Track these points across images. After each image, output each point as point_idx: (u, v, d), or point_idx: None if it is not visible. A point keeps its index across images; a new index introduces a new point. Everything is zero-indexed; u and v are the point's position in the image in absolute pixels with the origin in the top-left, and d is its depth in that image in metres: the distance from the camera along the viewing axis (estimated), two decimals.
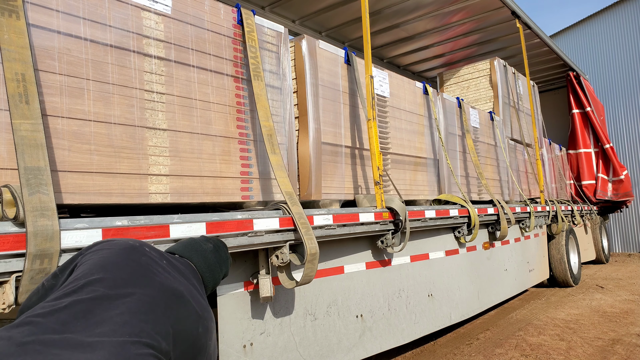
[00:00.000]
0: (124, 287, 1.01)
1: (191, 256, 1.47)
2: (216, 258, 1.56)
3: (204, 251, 1.54)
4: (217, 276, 1.54)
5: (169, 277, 1.16)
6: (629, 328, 4.91)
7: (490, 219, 5.11)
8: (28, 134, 1.70)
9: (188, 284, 1.23)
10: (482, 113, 5.79)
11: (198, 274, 1.42)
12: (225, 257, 1.64)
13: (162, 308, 1.03)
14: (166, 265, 1.22)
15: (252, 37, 2.81)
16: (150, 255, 1.19)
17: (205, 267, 1.48)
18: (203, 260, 1.49)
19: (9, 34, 1.75)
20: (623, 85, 12.62)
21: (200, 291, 1.30)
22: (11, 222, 1.63)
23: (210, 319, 1.24)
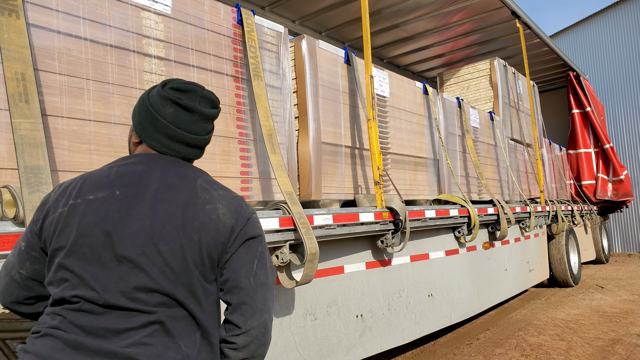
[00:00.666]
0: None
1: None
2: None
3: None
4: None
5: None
6: (629, 328, 4.91)
7: (490, 219, 5.11)
8: (28, 133, 1.70)
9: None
10: (482, 113, 5.79)
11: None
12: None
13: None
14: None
15: (252, 37, 2.81)
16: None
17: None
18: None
19: (8, 34, 1.75)
20: (623, 85, 12.62)
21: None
22: (11, 222, 1.63)
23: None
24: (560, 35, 13.87)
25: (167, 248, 1.09)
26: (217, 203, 1.16)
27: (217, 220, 1.14)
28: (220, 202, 1.17)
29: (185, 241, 1.10)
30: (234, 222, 1.17)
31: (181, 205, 1.13)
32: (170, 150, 1.22)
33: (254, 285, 1.16)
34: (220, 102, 1.32)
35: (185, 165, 1.23)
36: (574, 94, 9.73)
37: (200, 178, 1.20)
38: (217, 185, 1.23)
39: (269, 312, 1.18)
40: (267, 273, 1.20)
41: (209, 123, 1.26)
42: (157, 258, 1.08)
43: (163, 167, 1.18)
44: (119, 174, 1.16)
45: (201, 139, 1.25)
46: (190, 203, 1.14)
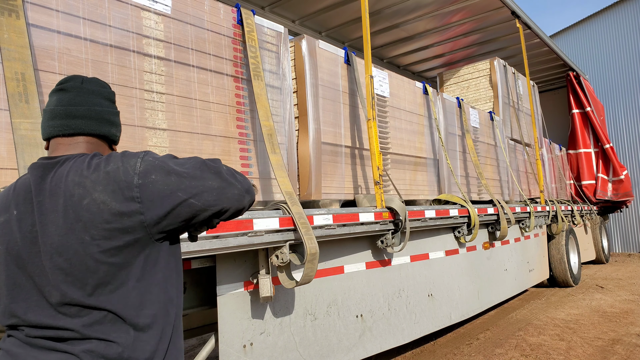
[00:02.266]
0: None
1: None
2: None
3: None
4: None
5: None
6: (629, 328, 4.91)
7: (490, 219, 5.11)
8: (28, 133, 1.70)
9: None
10: (482, 113, 5.79)
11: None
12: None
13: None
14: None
15: (252, 37, 2.81)
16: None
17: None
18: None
19: (8, 34, 1.76)
20: (623, 85, 12.62)
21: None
22: None
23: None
24: (560, 35, 13.87)
25: (62, 259, 1.07)
26: (92, 193, 1.07)
27: (101, 211, 1.06)
28: (94, 190, 1.07)
29: (79, 246, 1.06)
30: (122, 200, 1.07)
31: (61, 212, 1.08)
32: (61, 128, 1.20)
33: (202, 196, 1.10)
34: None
35: (63, 162, 1.15)
36: (574, 94, 9.73)
37: (71, 172, 1.11)
38: (90, 169, 1.11)
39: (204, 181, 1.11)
40: (173, 173, 1.11)
41: (93, 96, 1.25)
42: (59, 272, 1.07)
43: (43, 173, 1.14)
44: (15, 191, 1.16)
45: (83, 108, 1.23)
46: (69, 205, 1.07)
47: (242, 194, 1.15)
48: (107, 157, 1.14)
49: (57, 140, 1.21)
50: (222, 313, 2.48)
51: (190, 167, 1.12)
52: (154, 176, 1.08)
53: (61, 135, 1.20)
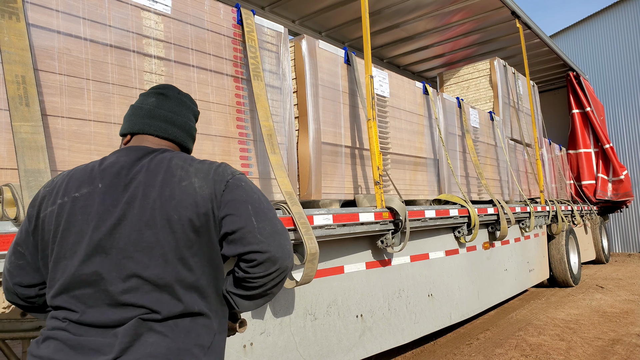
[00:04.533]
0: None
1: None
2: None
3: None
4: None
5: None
6: (629, 328, 4.91)
7: (490, 219, 5.11)
8: (28, 136, 1.70)
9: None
10: (482, 113, 5.79)
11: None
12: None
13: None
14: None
15: (252, 37, 2.81)
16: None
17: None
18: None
19: (9, 36, 1.76)
20: (623, 85, 12.62)
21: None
22: (11, 222, 1.63)
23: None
24: (560, 35, 13.87)
25: (150, 232, 1.12)
26: (192, 178, 1.18)
27: (195, 194, 1.16)
28: (195, 176, 1.19)
29: (165, 222, 1.13)
30: (212, 190, 1.18)
31: (158, 187, 1.16)
32: (156, 129, 1.32)
33: (262, 233, 1.19)
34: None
35: (164, 152, 1.26)
36: (574, 94, 9.73)
37: (175, 157, 1.23)
38: (194, 160, 1.25)
39: (286, 250, 1.22)
40: (272, 222, 1.22)
41: (187, 109, 1.40)
42: (143, 244, 1.12)
43: (139, 154, 1.24)
44: (101, 168, 1.21)
45: (181, 117, 1.37)
46: (167, 183, 1.16)
47: (288, 257, 1.23)
48: (206, 160, 1.29)
49: (146, 137, 1.32)
50: None
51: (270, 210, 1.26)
52: (243, 183, 1.24)
53: (155, 135, 1.32)
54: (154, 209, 1.13)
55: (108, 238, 1.12)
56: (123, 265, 1.10)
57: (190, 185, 1.17)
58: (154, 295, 1.11)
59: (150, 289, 1.11)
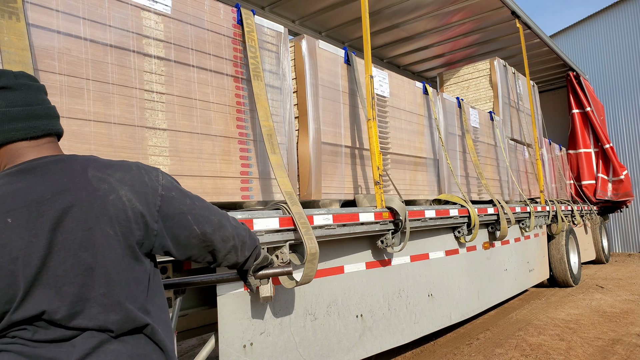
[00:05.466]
0: None
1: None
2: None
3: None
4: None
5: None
6: (629, 328, 4.91)
7: (490, 218, 5.11)
8: None
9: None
10: (482, 113, 5.79)
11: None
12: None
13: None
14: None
15: (252, 37, 2.81)
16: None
17: None
18: None
19: (9, 36, 1.76)
20: (623, 85, 12.62)
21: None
22: None
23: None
24: (560, 35, 13.87)
25: (87, 253, 1.05)
26: (119, 191, 1.10)
27: (125, 208, 1.10)
28: (121, 188, 1.11)
29: (101, 240, 1.06)
30: (147, 207, 1.13)
31: (84, 206, 1.06)
32: (28, 131, 1.12)
33: (208, 238, 1.26)
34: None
35: (67, 160, 1.12)
36: (574, 94, 9.73)
37: (89, 168, 1.10)
38: (111, 167, 1.14)
39: (235, 238, 1.34)
40: (210, 222, 1.27)
41: (40, 93, 1.19)
42: (82, 266, 1.05)
43: (44, 172, 1.08)
44: (3, 200, 1.03)
45: (42, 107, 1.17)
46: (92, 200, 1.07)
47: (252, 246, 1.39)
48: (119, 161, 1.18)
49: (20, 144, 1.12)
50: (222, 313, 2.48)
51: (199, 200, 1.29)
52: (174, 193, 1.20)
53: (28, 138, 1.13)
54: (85, 230, 1.05)
55: (42, 270, 1.01)
56: (65, 292, 1.03)
57: (119, 199, 1.09)
58: (102, 316, 1.06)
59: (99, 310, 1.06)
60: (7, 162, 1.12)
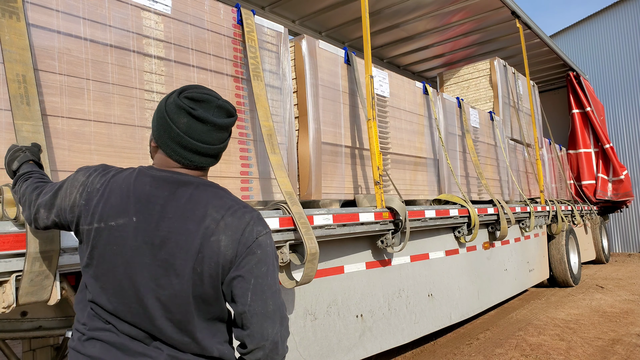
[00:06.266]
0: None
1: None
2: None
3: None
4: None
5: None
6: (629, 328, 4.91)
7: (490, 218, 5.11)
8: (29, 135, 1.70)
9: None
10: (482, 113, 5.79)
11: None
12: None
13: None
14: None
15: (252, 37, 2.81)
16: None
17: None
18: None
19: (9, 35, 1.76)
20: (623, 85, 12.62)
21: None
22: (11, 222, 1.63)
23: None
24: (560, 35, 13.87)
25: (177, 280, 1.15)
26: (221, 234, 1.17)
27: (219, 253, 1.16)
28: (224, 233, 1.17)
29: (190, 273, 1.15)
30: (235, 254, 1.17)
31: (189, 236, 1.16)
32: (183, 159, 1.23)
33: (252, 313, 1.19)
34: (234, 112, 1.29)
35: (197, 187, 1.22)
36: (574, 94, 9.73)
37: (210, 205, 1.19)
38: (227, 210, 1.20)
39: (270, 339, 1.19)
40: (265, 302, 1.20)
41: (223, 132, 1.25)
42: (169, 290, 1.16)
43: (175, 191, 1.20)
44: (135, 195, 1.19)
45: (214, 148, 1.24)
46: (196, 234, 1.16)
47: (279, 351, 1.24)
48: (243, 207, 1.23)
49: (171, 161, 1.25)
50: None
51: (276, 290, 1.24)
52: (259, 252, 1.19)
53: (180, 164, 1.24)
54: (182, 259, 1.15)
55: (139, 275, 1.16)
56: (150, 305, 1.16)
57: (217, 242, 1.16)
58: (177, 337, 1.17)
59: (175, 330, 1.17)
60: (160, 163, 1.26)
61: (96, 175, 1.26)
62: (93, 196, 1.22)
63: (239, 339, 1.22)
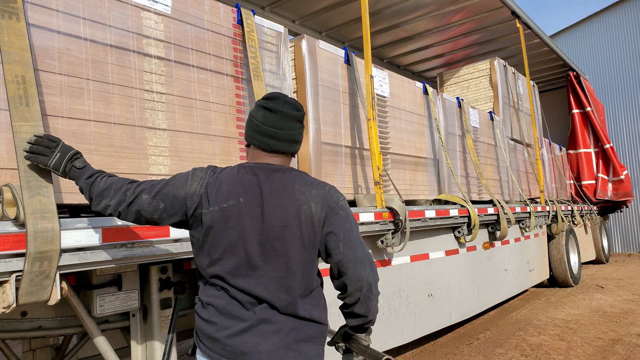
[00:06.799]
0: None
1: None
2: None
3: None
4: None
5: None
6: (629, 328, 4.91)
7: (490, 219, 5.11)
8: (28, 136, 1.70)
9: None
10: (482, 113, 5.79)
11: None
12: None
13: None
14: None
15: (252, 37, 2.81)
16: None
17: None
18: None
19: (9, 36, 1.75)
20: (623, 85, 12.62)
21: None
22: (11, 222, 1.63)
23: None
24: (560, 35, 13.87)
25: (279, 243, 1.44)
26: (310, 202, 1.47)
27: (312, 217, 1.46)
28: (312, 201, 1.48)
29: (290, 236, 1.44)
30: (324, 215, 1.48)
31: (285, 208, 1.46)
32: (263, 144, 1.54)
33: (346, 260, 1.46)
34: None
35: (285, 171, 1.53)
36: (574, 94, 9.73)
37: (296, 183, 1.50)
38: (310, 185, 1.52)
39: (365, 279, 1.47)
40: (354, 250, 1.48)
41: (291, 121, 1.56)
42: (274, 252, 1.44)
43: (269, 176, 1.51)
44: (242, 184, 1.49)
45: (285, 133, 1.54)
46: (291, 206, 1.46)
47: (372, 290, 1.52)
48: (321, 182, 1.56)
49: (258, 152, 1.56)
50: None
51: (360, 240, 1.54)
52: (342, 212, 1.51)
53: (262, 149, 1.55)
54: (282, 226, 1.44)
55: (248, 243, 1.43)
56: (260, 270, 1.44)
57: (309, 209, 1.46)
58: (276, 293, 1.43)
59: (276, 287, 1.43)
60: (252, 158, 1.58)
61: (210, 172, 1.54)
62: (209, 187, 1.49)
63: (339, 286, 1.52)
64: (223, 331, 1.43)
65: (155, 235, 1.97)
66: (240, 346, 1.41)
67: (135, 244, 1.92)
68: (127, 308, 2.28)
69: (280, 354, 1.41)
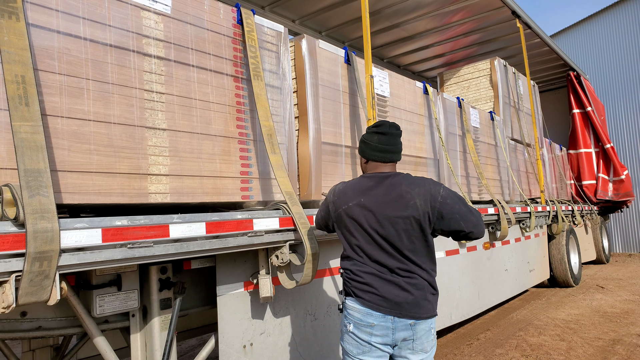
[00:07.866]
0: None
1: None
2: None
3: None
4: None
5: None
6: (630, 328, 4.91)
7: (490, 219, 5.11)
8: (28, 136, 1.69)
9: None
10: (482, 113, 5.79)
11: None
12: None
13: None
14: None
15: (252, 37, 2.81)
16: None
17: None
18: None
19: (8, 36, 1.75)
20: (623, 84, 12.62)
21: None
22: (11, 222, 1.63)
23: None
24: (561, 35, 13.86)
25: (393, 229, 1.96)
26: (416, 199, 1.96)
27: (418, 210, 1.95)
28: (417, 198, 1.96)
29: (403, 224, 1.95)
30: (429, 209, 1.96)
31: (395, 202, 1.97)
32: (381, 158, 2.10)
33: (461, 216, 1.97)
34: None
35: (394, 176, 2.06)
36: (575, 93, 9.73)
37: (404, 184, 2.01)
38: (414, 184, 2.00)
39: (476, 222, 1.98)
40: (464, 210, 1.98)
41: (396, 138, 2.14)
42: (394, 234, 1.97)
43: (381, 181, 2.05)
44: (361, 188, 2.07)
45: (395, 147, 2.13)
46: (402, 203, 1.96)
47: (483, 230, 2.04)
48: (422, 179, 2.05)
49: (377, 163, 2.12)
50: (222, 313, 2.48)
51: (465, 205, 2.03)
52: (449, 200, 1.97)
53: (380, 161, 2.12)
54: (395, 218, 1.96)
55: (370, 231, 1.99)
56: (382, 248, 1.99)
57: (415, 204, 1.95)
58: (402, 263, 1.98)
59: (399, 259, 1.97)
60: (371, 169, 2.15)
61: (340, 185, 2.18)
62: (339, 194, 2.13)
63: (461, 235, 2.00)
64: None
65: (155, 235, 1.97)
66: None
67: (135, 244, 1.92)
68: (127, 308, 2.28)
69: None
